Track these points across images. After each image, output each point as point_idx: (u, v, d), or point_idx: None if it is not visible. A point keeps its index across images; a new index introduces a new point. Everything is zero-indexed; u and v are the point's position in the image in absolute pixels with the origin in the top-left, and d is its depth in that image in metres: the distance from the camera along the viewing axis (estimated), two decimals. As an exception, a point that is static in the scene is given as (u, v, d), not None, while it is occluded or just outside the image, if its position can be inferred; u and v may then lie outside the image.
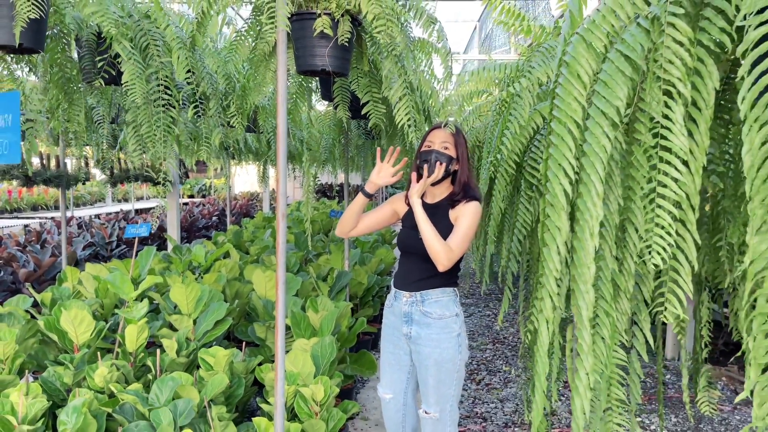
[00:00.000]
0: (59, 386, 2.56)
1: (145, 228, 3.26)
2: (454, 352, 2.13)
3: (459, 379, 2.18)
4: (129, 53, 1.83)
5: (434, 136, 2.13)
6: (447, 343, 2.13)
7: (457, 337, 2.15)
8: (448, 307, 2.16)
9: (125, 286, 3.00)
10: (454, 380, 2.16)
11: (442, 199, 2.22)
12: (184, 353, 2.79)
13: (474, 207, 2.12)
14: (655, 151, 1.39)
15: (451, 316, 2.15)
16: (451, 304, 2.16)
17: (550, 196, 1.52)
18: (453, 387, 2.16)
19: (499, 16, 2.95)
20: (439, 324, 2.14)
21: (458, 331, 2.16)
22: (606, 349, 1.59)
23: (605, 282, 1.56)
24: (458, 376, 2.17)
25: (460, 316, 2.18)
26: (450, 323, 2.15)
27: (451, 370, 2.14)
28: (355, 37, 1.98)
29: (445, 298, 2.16)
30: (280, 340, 1.76)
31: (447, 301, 2.16)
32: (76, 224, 8.09)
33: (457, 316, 2.17)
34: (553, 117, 1.55)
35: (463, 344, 2.17)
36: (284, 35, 1.73)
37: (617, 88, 1.41)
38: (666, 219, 1.29)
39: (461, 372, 2.19)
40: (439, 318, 2.15)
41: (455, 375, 2.16)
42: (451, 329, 2.14)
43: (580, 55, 1.50)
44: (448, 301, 2.16)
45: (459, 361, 2.16)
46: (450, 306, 2.16)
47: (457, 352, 2.14)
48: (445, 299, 2.16)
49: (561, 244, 1.49)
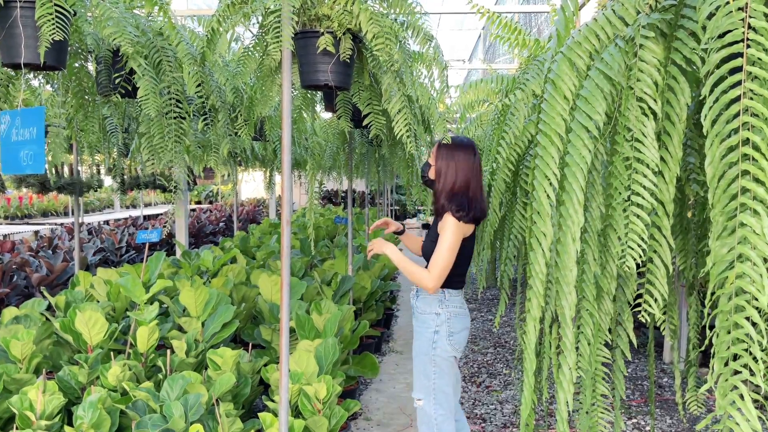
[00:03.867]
0: (74, 384, 2.68)
1: (155, 234, 3.39)
2: (427, 346, 2.30)
3: (440, 374, 2.29)
4: (144, 69, 1.96)
5: None
6: (423, 337, 2.32)
7: (434, 333, 2.30)
8: (431, 305, 2.32)
9: (137, 289, 3.13)
10: (432, 373, 2.29)
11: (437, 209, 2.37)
12: (193, 354, 2.90)
13: (450, 221, 2.22)
14: (629, 163, 1.49)
15: (431, 314, 2.32)
16: (435, 303, 2.31)
17: (536, 203, 1.63)
18: (432, 379, 2.29)
19: (496, 30, 3.07)
20: (422, 318, 2.35)
21: (435, 328, 2.30)
22: (590, 347, 1.70)
23: (588, 284, 1.67)
24: (437, 371, 2.29)
25: (441, 315, 2.30)
26: (428, 320, 2.32)
27: (426, 363, 2.30)
28: (356, 53, 2.10)
29: (429, 297, 2.34)
30: (285, 338, 1.87)
31: (431, 300, 2.33)
32: (87, 230, 8.24)
33: (437, 315, 2.31)
34: (539, 130, 1.66)
35: (439, 341, 2.29)
36: (289, 53, 1.85)
37: (597, 104, 1.52)
38: (639, 225, 1.40)
39: (442, 368, 2.29)
40: (422, 313, 2.35)
41: (432, 368, 2.29)
42: (428, 325, 2.31)
43: (563, 73, 1.61)
44: (432, 300, 2.32)
45: (434, 356, 2.28)
46: (433, 304, 2.32)
47: (430, 347, 2.29)
48: (429, 298, 2.33)
49: (546, 248, 1.60)
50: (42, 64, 1.75)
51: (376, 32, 1.83)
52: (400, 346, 5.02)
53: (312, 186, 2.96)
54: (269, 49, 1.83)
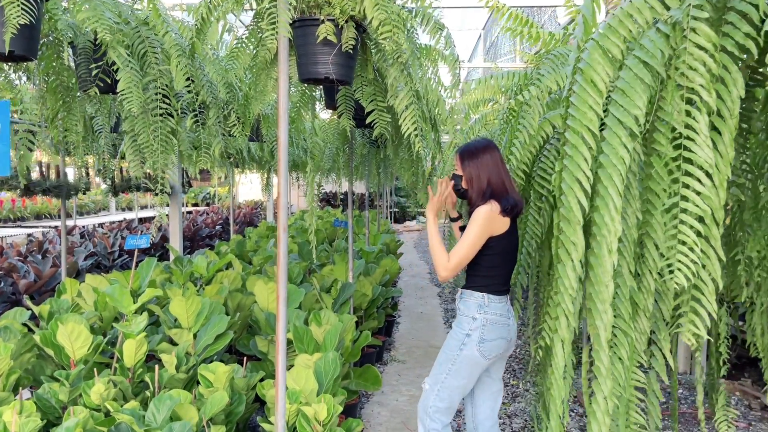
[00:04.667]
0: (54, 403, 2.49)
1: (145, 239, 3.20)
2: (456, 344, 2.32)
3: (454, 374, 2.32)
4: (125, 60, 1.77)
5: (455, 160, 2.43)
6: (456, 335, 2.34)
7: (465, 336, 2.31)
8: (471, 309, 2.33)
9: (124, 299, 2.93)
10: (449, 370, 2.33)
11: None
12: (183, 369, 2.71)
13: (477, 214, 2.25)
14: (677, 164, 1.31)
15: (468, 317, 2.33)
16: (474, 307, 2.32)
17: (564, 209, 1.44)
18: (445, 374, 2.34)
19: (506, 22, 2.89)
20: (459, 319, 2.37)
21: (467, 331, 2.31)
22: (624, 370, 1.51)
23: (623, 300, 1.48)
24: (453, 370, 2.32)
25: (477, 320, 2.30)
26: (464, 321, 2.34)
27: (449, 358, 2.33)
28: (360, 44, 1.92)
29: (470, 300, 2.34)
30: (281, 363, 1.68)
31: (471, 303, 2.34)
32: (79, 234, 8.04)
33: (474, 319, 2.31)
34: (568, 126, 1.47)
35: (468, 345, 2.30)
36: (286, 42, 1.66)
37: (636, 97, 1.34)
38: (690, 235, 1.21)
39: (460, 369, 2.31)
40: (461, 314, 2.37)
41: (450, 365, 2.32)
42: (463, 327, 2.33)
43: (595, 61, 1.42)
44: (472, 303, 2.33)
45: (456, 356, 2.31)
46: (472, 308, 2.32)
47: (458, 347, 2.31)
48: (470, 301, 2.34)
49: (577, 260, 1.41)
50: (8, 53, 1.57)
51: (383, 19, 1.65)
52: (402, 355, 4.83)
53: (311, 189, 2.78)
54: (264, 37, 1.64)
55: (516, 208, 2.28)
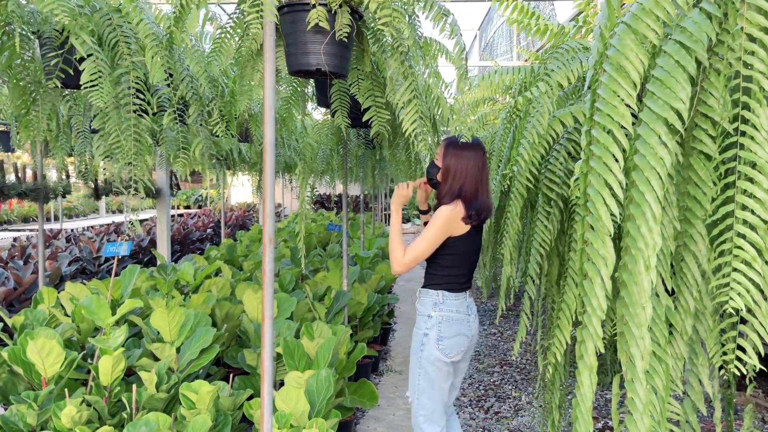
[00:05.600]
0: (22, 427, 2.28)
1: (125, 246, 2.99)
2: (417, 347, 2.29)
3: (425, 377, 2.27)
4: (90, 49, 1.58)
5: None
6: (416, 337, 2.31)
7: (423, 336, 2.27)
8: (426, 307, 2.30)
9: (101, 311, 2.73)
10: (419, 374, 2.29)
11: None
12: (164, 387, 2.51)
13: (439, 212, 2.21)
14: (727, 167, 1.12)
15: (424, 316, 2.30)
16: (429, 305, 2.29)
17: (591, 218, 1.25)
18: (419, 380, 2.29)
19: (511, 14, 2.71)
20: (418, 319, 2.33)
21: (425, 330, 2.28)
22: (659, 402, 1.32)
23: (658, 322, 1.29)
24: (422, 373, 2.28)
25: (433, 318, 2.26)
26: (421, 321, 2.31)
27: (415, 362, 2.30)
28: (356, 32, 1.73)
29: (425, 299, 2.32)
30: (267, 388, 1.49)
31: (426, 301, 2.31)
32: (65, 238, 7.80)
33: (429, 317, 2.27)
34: (594, 123, 1.28)
35: (427, 344, 2.26)
36: (272, 27, 1.47)
37: (678, 87, 1.15)
38: (749, 251, 1.02)
39: (428, 371, 2.26)
40: (419, 314, 2.34)
41: (419, 369, 2.29)
42: (420, 327, 2.30)
43: (627, 47, 1.24)
44: (427, 302, 2.30)
45: (420, 358, 2.27)
46: (427, 306, 2.30)
47: (419, 349, 2.28)
48: (425, 299, 2.31)
49: (606, 276, 1.22)
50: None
51: (382, 2, 1.46)
52: (399, 365, 4.64)
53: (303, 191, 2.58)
54: (247, 21, 1.44)
55: (480, 215, 2.25)
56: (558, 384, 2.57)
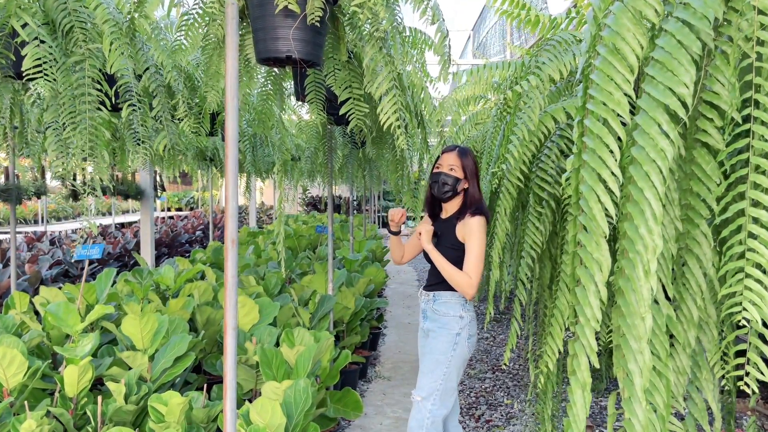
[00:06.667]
0: (-21, 442, 2.13)
1: (97, 249, 2.85)
2: (446, 346, 2.33)
3: (449, 376, 2.33)
4: (33, 32, 1.44)
5: (443, 159, 2.38)
6: (443, 338, 2.35)
7: (456, 335, 2.34)
8: (454, 308, 2.37)
9: (69, 317, 2.59)
10: (444, 373, 2.32)
11: (452, 214, 2.42)
12: (133, 399, 2.37)
13: (477, 223, 2.29)
14: (735, 159, 0.99)
15: (454, 316, 2.36)
16: (457, 307, 2.37)
17: (584, 218, 1.12)
18: (440, 380, 2.32)
19: (501, 5, 2.58)
20: (442, 321, 2.37)
21: (458, 330, 2.34)
22: (659, 421, 1.19)
23: (658, 333, 1.16)
24: (448, 372, 2.33)
25: (464, 318, 2.36)
26: (451, 322, 2.36)
27: (440, 362, 2.33)
28: (330, 17, 1.60)
29: (452, 301, 2.38)
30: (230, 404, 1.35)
31: (453, 304, 2.37)
32: (48, 240, 7.63)
33: (461, 318, 2.36)
34: (587, 112, 1.15)
35: (460, 343, 2.34)
36: (234, 9, 1.34)
37: (680, 70, 1.02)
38: (763, 253, 0.89)
39: (450, 370, 2.32)
40: (443, 315, 2.38)
41: (443, 369, 2.32)
42: (451, 327, 2.35)
43: (624, 27, 1.11)
44: (455, 304, 2.37)
45: (450, 357, 2.32)
46: (456, 307, 2.37)
47: (450, 348, 2.33)
48: (452, 302, 2.37)
49: (601, 282, 1.09)
50: None
51: (355, -19, 1.33)
52: (388, 371, 4.50)
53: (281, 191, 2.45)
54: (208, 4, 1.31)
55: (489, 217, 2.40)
56: (550, 394, 2.44)
